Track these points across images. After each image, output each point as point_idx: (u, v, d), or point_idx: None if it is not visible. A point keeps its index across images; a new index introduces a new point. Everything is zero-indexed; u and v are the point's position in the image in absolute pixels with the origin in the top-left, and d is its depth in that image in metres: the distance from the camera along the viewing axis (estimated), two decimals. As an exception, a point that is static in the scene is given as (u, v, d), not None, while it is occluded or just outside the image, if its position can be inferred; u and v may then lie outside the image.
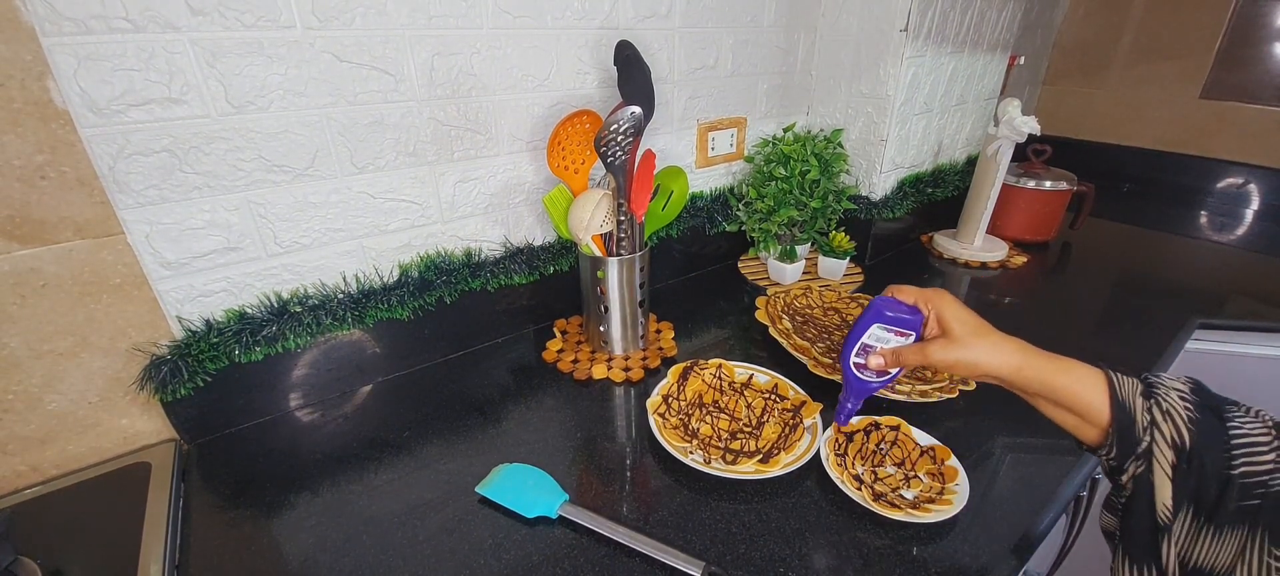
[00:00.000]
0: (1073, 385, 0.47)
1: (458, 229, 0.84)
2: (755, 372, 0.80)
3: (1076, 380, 0.47)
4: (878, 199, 1.15)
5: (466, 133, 0.79)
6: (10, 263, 0.57)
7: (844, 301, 0.97)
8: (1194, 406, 0.43)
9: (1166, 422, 0.42)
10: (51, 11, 0.51)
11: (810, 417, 0.72)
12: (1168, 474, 0.42)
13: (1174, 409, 0.43)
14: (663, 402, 0.74)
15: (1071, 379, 0.48)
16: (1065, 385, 0.48)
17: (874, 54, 1.05)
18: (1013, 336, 0.52)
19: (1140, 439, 0.43)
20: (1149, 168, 1.65)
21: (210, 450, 0.71)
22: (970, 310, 0.55)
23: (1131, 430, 0.44)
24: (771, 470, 0.63)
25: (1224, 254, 1.30)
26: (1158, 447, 0.42)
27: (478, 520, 0.60)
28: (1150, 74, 1.59)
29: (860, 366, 0.61)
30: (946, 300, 0.56)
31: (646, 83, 0.74)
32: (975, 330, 0.53)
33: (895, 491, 0.62)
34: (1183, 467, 0.41)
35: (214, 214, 0.65)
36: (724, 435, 0.70)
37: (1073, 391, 0.47)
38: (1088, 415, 0.47)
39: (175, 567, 0.56)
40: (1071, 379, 0.48)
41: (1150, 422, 0.43)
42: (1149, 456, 0.43)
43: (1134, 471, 0.44)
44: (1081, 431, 0.48)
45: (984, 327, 0.53)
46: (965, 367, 0.52)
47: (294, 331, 0.73)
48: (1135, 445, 0.44)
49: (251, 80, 0.62)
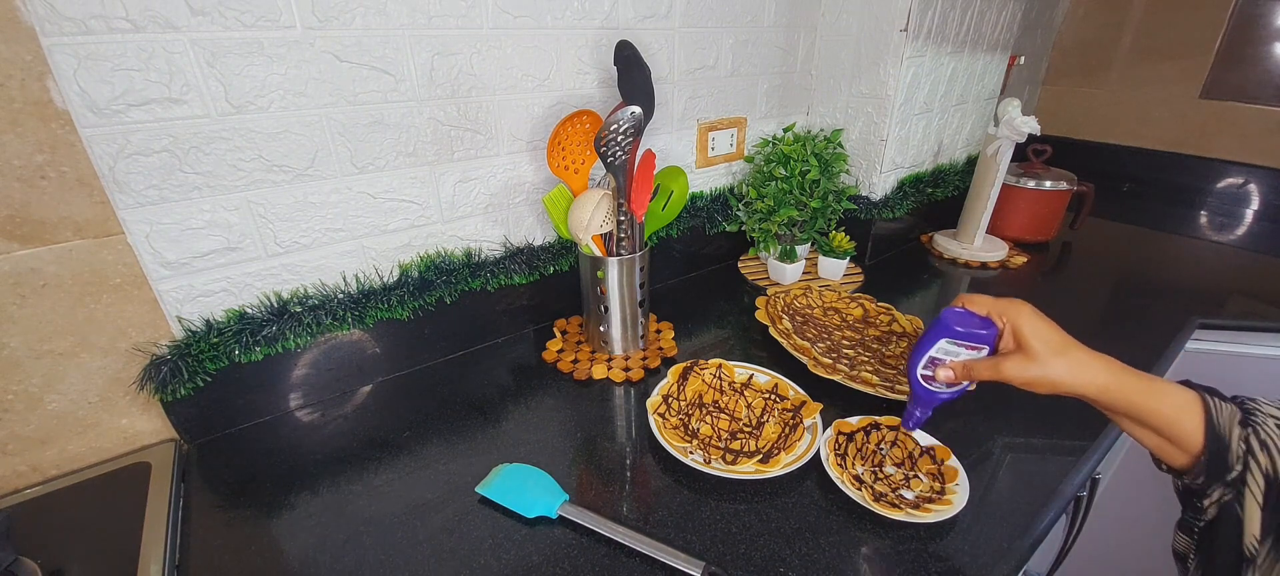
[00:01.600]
0: (1164, 409, 0.45)
1: (458, 229, 0.84)
2: (755, 373, 0.80)
3: (1169, 404, 0.45)
4: (878, 199, 1.15)
5: (466, 133, 0.79)
6: (10, 263, 0.57)
7: (844, 301, 0.97)
8: None
9: (1263, 453, 0.41)
10: (51, 11, 0.51)
11: (810, 417, 0.71)
12: (1259, 503, 0.41)
13: (1271, 438, 0.41)
14: (663, 402, 0.74)
15: (1164, 402, 0.46)
16: (1155, 408, 0.46)
17: (874, 54, 1.05)
18: (1100, 353, 0.50)
19: (1232, 467, 0.42)
20: (1149, 168, 1.65)
21: (210, 450, 0.71)
22: (1052, 323, 0.52)
23: (1224, 457, 0.43)
24: (771, 470, 0.63)
25: (1224, 254, 1.30)
26: (1252, 476, 0.41)
27: (478, 520, 0.60)
28: (1150, 74, 1.59)
29: (928, 379, 0.58)
30: (1024, 312, 0.52)
31: (646, 83, 0.74)
32: (1056, 348, 0.50)
33: (896, 491, 0.62)
34: (1273, 500, 0.40)
35: (214, 214, 0.65)
36: (724, 435, 0.70)
37: (1164, 415, 0.45)
38: (1178, 440, 0.45)
39: (175, 567, 0.56)
40: (1164, 402, 0.46)
41: (1246, 452, 0.42)
42: (1240, 485, 0.42)
43: (1219, 497, 0.43)
44: (1167, 454, 0.47)
45: (1067, 344, 0.50)
46: (1045, 386, 0.50)
47: (294, 331, 0.73)
48: (1226, 473, 0.42)
49: (251, 80, 0.62)
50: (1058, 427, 0.72)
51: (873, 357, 0.82)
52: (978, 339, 0.54)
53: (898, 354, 0.84)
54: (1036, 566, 0.68)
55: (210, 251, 0.66)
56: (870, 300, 0.98)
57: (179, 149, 0.61)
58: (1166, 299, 1.08)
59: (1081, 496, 0.76)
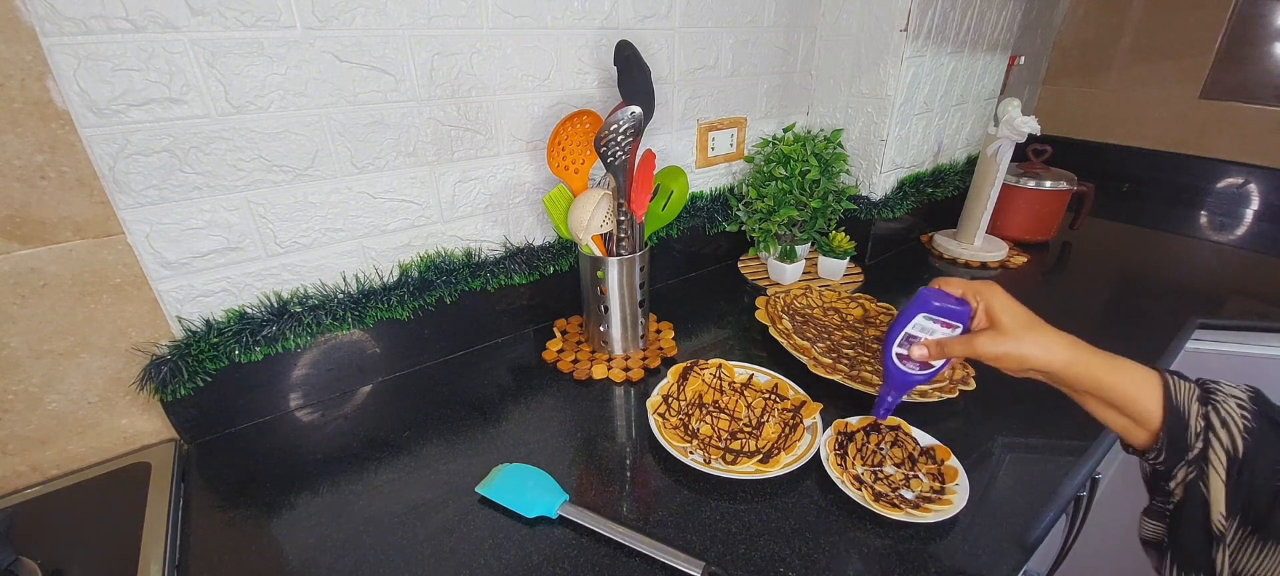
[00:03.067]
0: (1123, 383, 0.46)
1: (458, 229, 0.84)
2: (755, 373, 0.80)
3: (1129, 379, 0.46)
4: (878, 199, 1.15)
5: (466, 132, 0.79)
6: (10, 263, 0.57)
7: (844, 301, 0.97)
8: (1252, 415, 0.41)
9: (1223, 431, 0.41)
10: (51, 11, 0.51)
11: (810, 417, 0.71)
12: (1223, 480, 0.41)
13: (1232, 416, 0.41)
14: (663, 402, 0.74)
15: (1123, 377, 0.46)
16: (1115, 383, 0.46)
17: (874, 54, 1.05)
18: (1065, 332, 0.51)
19: (1192, 445, 0.42)
20: (1149, 168, 1.65)
21: (210, 450, 0.71)
22: (1020, 304, 0.53)
23: (1183, 435, 0.43)
24: (772, 470, 0.63)
25: (1224, 254, 1.30)
26: (1214, 453, 0.41)
27: (478, 520, 0.60)
28: (1150, 74, 1.59)
29: (903, 358, 0.59)
30: (996, 292, 0.54)
31: (646, 83, 0.74)
32: (1025, 323, 0.51)
33: (896, 491, 0.62)
34: (1234, 476, 0.40)
35: (214, 214, 0.65)
36: (724, 435, 0.70)
37: (1123, 390, 0.46)
38: (1138, 417, 0.45)
39: (175, 567, 0.56)
40: (1123, 377, 0.46)
41: (1204, 428, 0.42)
42: (1203, 463, 0.42)
43: (1184, 477, 0.43)
44: (1130, 433, 0.47)
45: (1035, 322, 0.52)
46: (1013, 360, 0.51)
47: (294, 331, 0.73)
48: (1186, 451, 0.43)
49: (251, 80, 0.62)
50: (1058, 428, 0.72)
51: (873, 358, 0.82)
52: (953, 316, 0.56)
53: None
54: (1036, 566, 0.68)
55: (210, 251, 0.66)
56: (871, 300, 0.98)
57: (179, 149, 0.61)
58: (1166, 299, 1.08)
59: (1081, 496, 0.76)
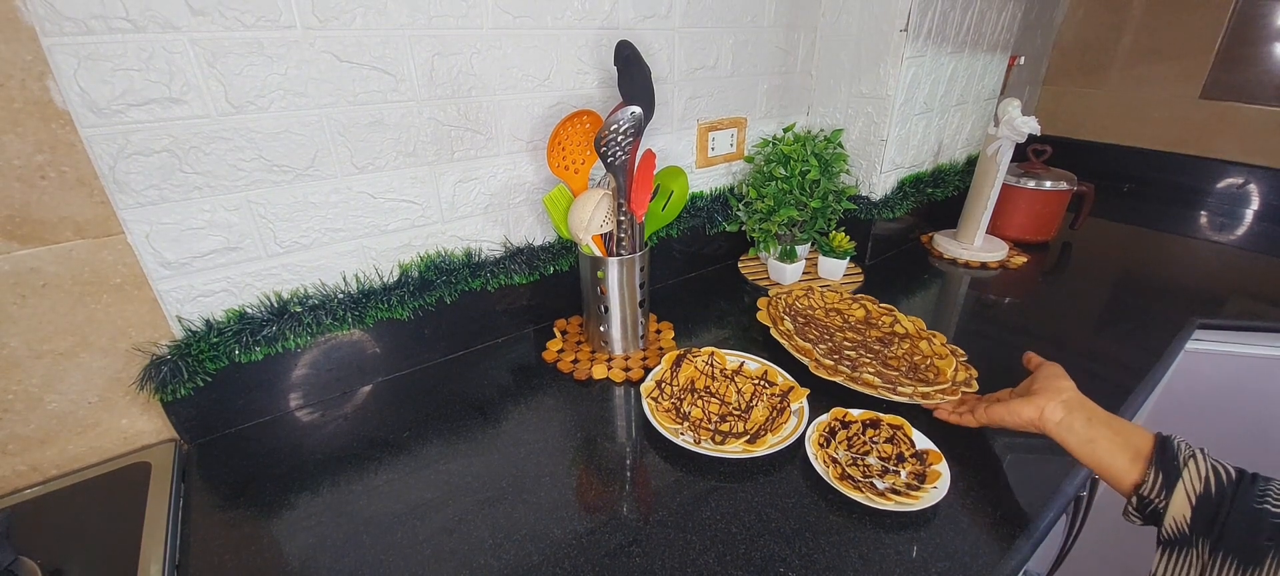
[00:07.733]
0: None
1: (458, 229, 0.84)
2: (746, 360, 0.82)
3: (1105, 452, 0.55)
4: (878, 199, 1.15)
5: (466, 133, 0.79)
6: (10, 263, 0.57)
7: (846, 302, 0.97)
8: (1217, 461, 0.49)
9: (1200, 462, 0.49)
10: (51, 11, 0.51)
11: (797, 402, 0.74)
12: (1190, 498, 0.48)
13: (1213, 468, 0.49)
14: (656, 387, 0.77)
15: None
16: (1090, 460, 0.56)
17: (874, 54, 1.05)
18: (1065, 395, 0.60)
19: (1181, 456, 0.50)
20: (1149, 168, 1.65)
21: (210, 450, 0.71)
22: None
23: (1174, 462, 0.50)
24: (758, 449, 0.65)
25: (1224, 254, 1.30)
26: (1194, 463, 0.49)
27: (478, 520, 0.60)
28: (1150, 74, 1.59)
29: None
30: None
31: (646, 83, 0.74)
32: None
33: (866, 478, 0.63)
34: (1207, 500, 0.47)
35: (214, 214, 0.65)
36: (714, 418, 0.72)
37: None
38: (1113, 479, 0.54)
39: (175, 567, 0.56)
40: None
41: (1189, 455, 0.50)
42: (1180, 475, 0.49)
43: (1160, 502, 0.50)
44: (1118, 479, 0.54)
45: None
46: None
47: (294, 331, 0.73)
48: (1176, 459, 0.50)
49: (251, 80, 0.62)
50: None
51: (875, 359, 0.82)
52: None
53: (900, 355, 0.84)
54: (1036, 566, 0.68)
55: (210, 251, 0.66)
56: (872, 301, 0.97)
57: (179, 149, 0.61)
58: (1166, 299, 1.08)
59: (1081, 496, 0.76)
